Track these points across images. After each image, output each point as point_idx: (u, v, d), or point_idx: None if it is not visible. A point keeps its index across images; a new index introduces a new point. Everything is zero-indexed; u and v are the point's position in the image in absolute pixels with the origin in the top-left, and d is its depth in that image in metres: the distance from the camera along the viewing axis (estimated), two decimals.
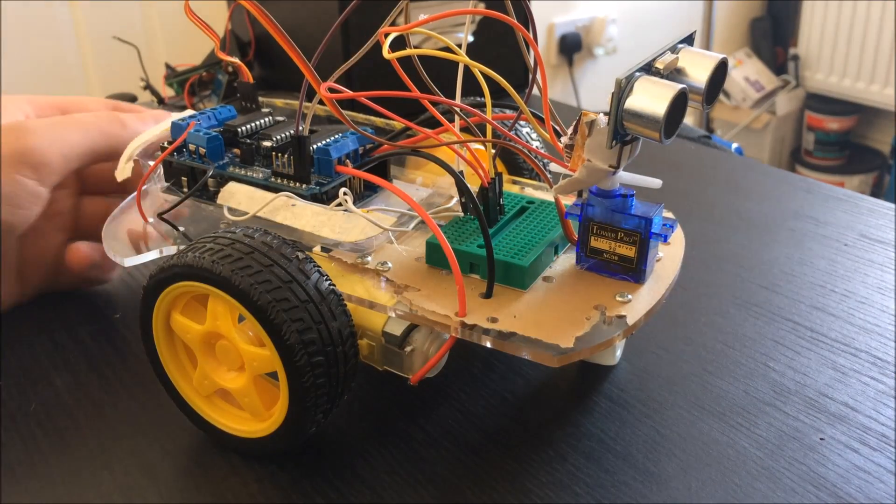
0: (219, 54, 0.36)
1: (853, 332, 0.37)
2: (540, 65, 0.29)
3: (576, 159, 0.28)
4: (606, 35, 1.59)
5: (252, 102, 0.38)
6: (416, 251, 0.32)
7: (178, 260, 0.28)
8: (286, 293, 0.26)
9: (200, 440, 0.32)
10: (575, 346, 0.27)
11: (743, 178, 0.56)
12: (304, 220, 0.32)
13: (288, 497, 0.29)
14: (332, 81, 0.30)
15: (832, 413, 0.32)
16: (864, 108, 1.82)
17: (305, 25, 0.66)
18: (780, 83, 1.89)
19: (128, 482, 0.30)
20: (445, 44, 0.29)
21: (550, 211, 0.34)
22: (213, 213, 0.34)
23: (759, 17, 1.93)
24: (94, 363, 0.36)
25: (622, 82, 0.26)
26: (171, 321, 0.30)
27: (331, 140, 0.34)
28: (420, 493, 0.29)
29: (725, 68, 0.28)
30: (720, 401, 0.33)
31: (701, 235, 0.47)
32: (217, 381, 0.30)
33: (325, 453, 0.31)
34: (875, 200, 0.52)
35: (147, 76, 0.70)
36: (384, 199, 0.35)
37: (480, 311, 0.29)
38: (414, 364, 0.30)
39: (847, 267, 0.43)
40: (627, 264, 0.30)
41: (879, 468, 0.29)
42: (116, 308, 0.41)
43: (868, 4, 1.71)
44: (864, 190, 1.82)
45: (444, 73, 0.33)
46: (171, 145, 0.35)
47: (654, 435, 0.31)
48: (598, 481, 0.29)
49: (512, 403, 0.33)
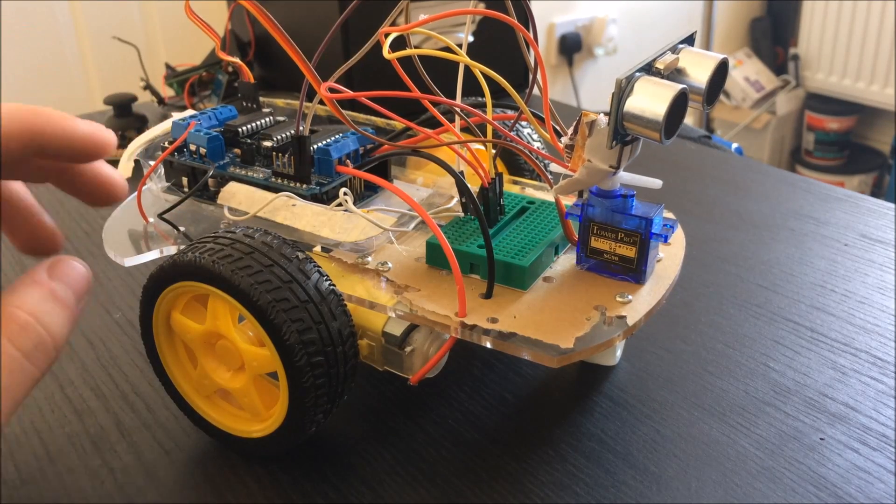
0: (219, 54, 0.36)
1: (853, 332, 0.37)
2: (540, 65, 0.29)
3: (576, 159, 0.28)
4: (606, 35, 1.59)
5: (253, 102, 0.38)
6: (417, 251, 0.32)
7: (179, 259, 0.28)
8: (286, 293, 0.26)
9: (200, 440, 0.32)
10: (575, 347, 0.27)
11: (743, 178, 0.56)
12: (304, 220, 0.32)
13: (288, 497, 0.29)
14: (332, 81, 0.30)
15: (832, 413, 0.32)
16: (864, 108, 1.82)
17: (305, 25, 0.66)
18: (780, 83, 1.89)
19: (128, 482, 0.30)
20: (445, 44, 0.29)
21: (551, 211, 0.34)
22: (213, 213, 0.34)
23: (759, 17, 1.93)
24: (94, 363, 0.36)
25: (622, 82, 0.26)
26: (172, 321, 0.30)
27: (331, 140, 0.34)
28: (420, 493, 0.29)
29: (726, 68, 0.28)
30: (720, 401, 0.33)
31: (701, 235, 0.47)
32: (217, 381, 0.30)
33: (325, 453, 0.31)
34: (875, 200, 0.52)
35: (147, 76, 0.70)
36: (384, 199, 0.35)
37: (480, 312, 0.29)
38: (414, 364, 0.30)
39: (847, 267, 0.43)
40: (628, 265, 0.30)
41: (879, 468, 0.29)
42: (116, 308, 0.41)
43: (868, 4, 1.71)
44: (864, 190, 1.82)
45: (444, 73, 0.33)
46: (171, 145, 0.35)
47: (654, 435, 0.31)
48: (598, 481, 0.29)
49: (512, 403, 0.33)
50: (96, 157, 0.28)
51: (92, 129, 0.28)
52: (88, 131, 0.27)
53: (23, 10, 0.97)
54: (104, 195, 0.30)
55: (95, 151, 0.28)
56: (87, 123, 0.27)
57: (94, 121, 0.27)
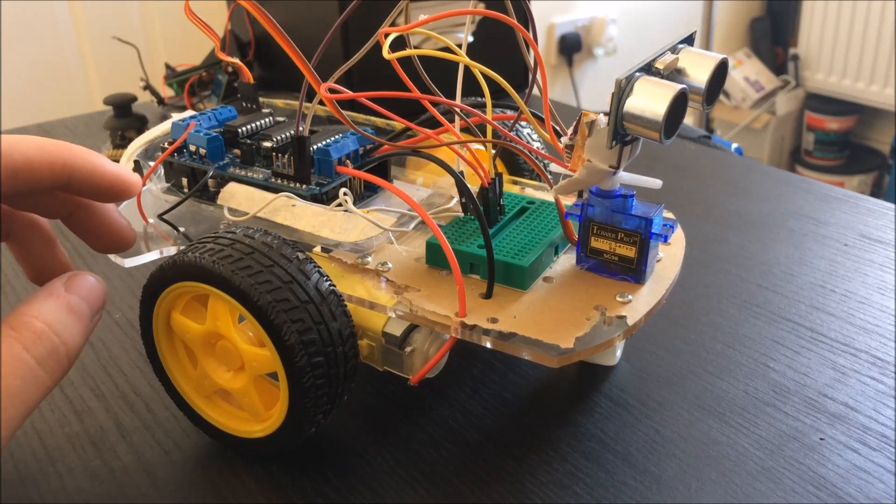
0: (219, 54, 0.36)
1: (853, 332, 0.37)
2: (540, 65, 0.29)
3: (576, 159, 0.28)
4: (606, 35, 1.59)
5: (252, 103, 0.38)
6: (417, 251, 0.32)
7: (179, 260, 0.28)
8: (286, 293, 0.26)
9: (200, 440, 0.32)
10: (575, 347, 0.27)
11: (743, 178, 0.56)
12: (304, 221, 0.32)
13: (288, 497, 0.29)
14: (332, 82, 0.30)
15: (832, 413, 0.32)
16: (864, 108, 1.82)
17: (305, 25, 0.66)
18: (780, 83, 1.89)
19: (128, 482, 0.30)
20: (445, 44, 0.29)
21: (550, 211, 0.34)
22: (213, 214, 0.34)
23: (758, 17, 1.93)
24: (94, 363, 0.36)
25: (622, 82, 0.26)
26: (172, 321, 0.30)
27: (331, 140, 0.34)
28: (420, 493, 0.29)
29: (725, 68, 0.28)
30: (720, 401, 0.33)
31: (701, 235, 0.47)
32: (217, 381, 0.30)
33: (325, 453, 0.31)
34: (875, 200, 0.52)
35: (147, 76, 0.70)
36: (384, 199, 0.35)
37: (480, 312, 0.29)
38: (414, 364, 0.30)
39: (847, 267, 0.43)
40: (628, 265, 0.30)
41: (879, 468, 0.29)
42: (116, 308, 0.41)
43: (868, 4, 1.71)
44: (864, 190, 1.82)
45: (444, 74, 0.33)
46: (171, 146, 0.35)
47: (654, 435, 0.31)
48: (598, 481, 0.29)
49: (512, 403, 0.33)
50: (120, 197, 0.29)
51: (119, 170, 0.29)
52: (116, 171, 0.28)
53: (23, 10, 0.97)
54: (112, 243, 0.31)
55: (121, 192, 0.29)
56: (114, 164, 0.29)
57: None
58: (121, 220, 0.31)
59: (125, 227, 0.31)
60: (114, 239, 0.31)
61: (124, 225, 0.31)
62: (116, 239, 0.31)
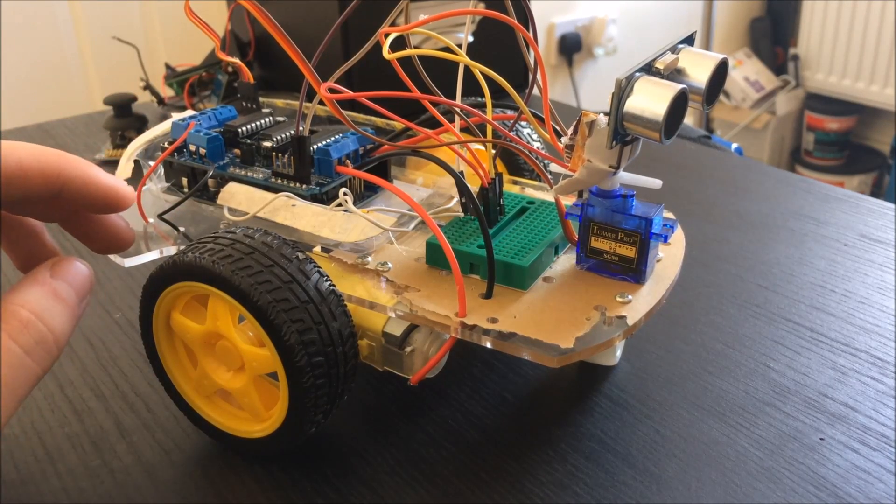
0: (219, 54, 0.36)
1: (853, 332, 0.37)
2: (540, 65, 0.29)
3: (576, 159, 0.28)
4: (606, 35, 1.59)
5: (252, 103, 0.38)
6: (417, 251, 0.32)
7: (179, 260, 0.28)
8: (286, 293, 0.26)
9: (200, 440, 0.32)
10: (575, 347, 0.27)
11: (743, 178, 0.56)
12: (304, 221, 0.32)
13: (288, 497, 0.29)
14: (332, 82, 0.30)
15: (832, 413, 0.32)
16: (864, 108, 1.82)
17: (305, 25, 0.66)
18: (780, 83, 1.89)
19: (128, 482, 0.30)
20: (445, 44, 0.29)
21: (550, 211, 0.34)
22: (213, 214, 0.34)
23: (758, 17, 1.93)
24: (94, 363, 0.36)
25: (622, 82, 0.26)
26: (172, 321, 0.30)
27: (331, 140, 0.34)
28: (420, 493, 0.29)
29: (726, 68, 0.28)
30: (720, 401, 0.33)
31: (701, 235, 0.47)
32: (217, 382, 0.30)
33: (325, 453, 0.31)
34: (875, 200, 0.52)
35: (147, 76, 0.70)
36: (384, 199, 0.35)
37: (480, 312, 0.29)
38: (414, 364, 0.30)
39: (847, 267, 0.43)
40: (627, 265, 0.30)
41: (879, 468, 0.29)
42: (116, 308, 0.41)
43: (868, 4, 1.71)
44: (864, 190, 1.82)
45: (444, 74, 0.33)
46: (171, 145, 0.35)
47: (654, 435, 0.31)
48: (598, 481, 0.29)
49: (512, 403, 0.33)
50: (113, 210, 0.29)
51: (113, 182, 0.28)
52: (109, 184, 0.28)
53: (23, 10, 0.97)
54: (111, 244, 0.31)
55: (114, 204, 0.28)
56: (108, 176, 0.28)
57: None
58: (119, 222, 0.30)
59: (123, 228, 0.31)
60: (112, 240, 0.31)
61: (122, 226, 0.31)
62: (115, 240, 0.31)
